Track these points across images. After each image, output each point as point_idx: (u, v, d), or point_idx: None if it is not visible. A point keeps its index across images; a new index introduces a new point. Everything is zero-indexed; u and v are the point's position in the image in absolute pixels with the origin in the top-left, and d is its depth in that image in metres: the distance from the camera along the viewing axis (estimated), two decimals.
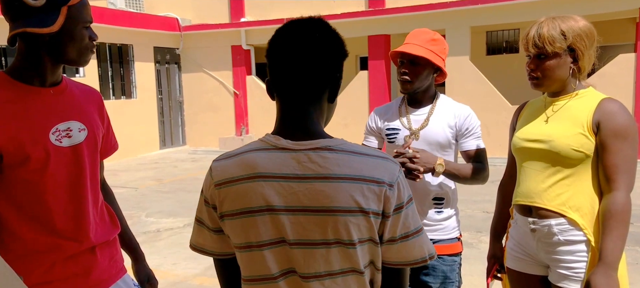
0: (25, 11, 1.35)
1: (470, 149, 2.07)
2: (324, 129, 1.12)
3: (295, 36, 1.08)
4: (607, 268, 1.56)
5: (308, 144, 1.07)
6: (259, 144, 1.11)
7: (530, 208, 1.80)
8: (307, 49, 1.06)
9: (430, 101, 2.11)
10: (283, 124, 1.11)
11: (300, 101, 1.09)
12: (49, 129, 1.42)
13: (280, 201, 1.05)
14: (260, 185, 1.06)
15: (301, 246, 1.06)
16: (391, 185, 1.06)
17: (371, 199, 1.04)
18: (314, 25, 1.09)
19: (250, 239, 1.09)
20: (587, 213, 1.70)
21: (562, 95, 1.77)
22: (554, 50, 1.68)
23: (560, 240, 1.72)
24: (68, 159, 1.45)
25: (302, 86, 1.07)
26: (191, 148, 12.36)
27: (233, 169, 1.10)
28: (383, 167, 1.07)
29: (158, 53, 11.82)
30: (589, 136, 1.67)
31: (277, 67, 1.09)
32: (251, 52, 11.89)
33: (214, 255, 1.20)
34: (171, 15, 11.82)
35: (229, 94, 12.03)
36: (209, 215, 1.16)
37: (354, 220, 1.04)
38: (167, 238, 5.34)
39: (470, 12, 9.49)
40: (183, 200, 7.05)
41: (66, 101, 1.50)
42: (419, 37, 2.03)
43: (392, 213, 1.07)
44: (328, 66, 1.09)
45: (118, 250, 1.68)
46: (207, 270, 4.34)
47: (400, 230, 1.09)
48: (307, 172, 1.05)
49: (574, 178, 1.70)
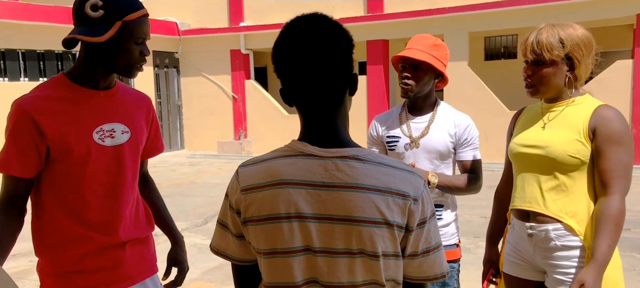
0: (84, 20, 1.47)
1: (466, 160, 2.08)
2: (349, 135, 1.11)
3: (304, 38, 1.05)
4: (598, 267, 1.58)
5: (336, 152, 1.05)
6: (285, 151, 1.09)
7: (528, 213, 1.80)
8: (319, 50, 1.04)
9: (430, 108, 2.12)
10: (308, 131, 1.09)
11: (322, 107, 1.07)
12: (94, 128, 1.54)
13: (308, 209, 1.05)
14: (287, 192, 1.05)
15: (326, 255, 1.05)
16: (416, 199, 1.05)
17: (396, 212, 1.04)
18: (319, 23, 1.07)
19: (276, 245, 1.07)
20: (583, 220, 1.71)
21: (558, 101, 1.79)
22: (551, 57, 1.69)
23: (557, 245, 1.73)
24: (108, 158, 1.56)
25: (322, 91, 1.05)
26: (189, 152, 12.35)
27: (260, 175, 1.09)
28: (409, 181, 1.06)
29: (157, 57, 11.83)
30: (585, 143, 1.68)
31: (290, 74, 1.06)
32: (250, 57, 11.90)
33: (235, 260, 1.18)
34: (170, 19, 11.84)
35: (227, 98, 12.04)
36: (232, 220, 1.14)
37: (378, 232, 1.03)
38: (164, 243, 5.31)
39: (468, 18, 9.53)
40: (181, 204, 7.04)
41: (115, 104, 1.61)
42: (421, 42, 2.05)
43: (416, 227, 1.07)
44: (343, 63, 1.07)
45: (150, 249, 1.75)
46: (204, 274, 4.33)
47: (423, 245, 1.09)
48: (335, 180, 1.04)
49: (570, 184, 1.71)
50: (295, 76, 1.06)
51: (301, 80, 1.05)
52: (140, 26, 1.52)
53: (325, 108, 1.07)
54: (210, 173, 9.59)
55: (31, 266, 4.60)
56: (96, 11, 1.45)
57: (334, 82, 1.05)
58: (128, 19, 1.48)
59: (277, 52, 1.08)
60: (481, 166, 2.11)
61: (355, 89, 1.11)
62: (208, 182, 8.62)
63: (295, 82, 1.06)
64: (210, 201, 7.09)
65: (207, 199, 7.27)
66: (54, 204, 1.54)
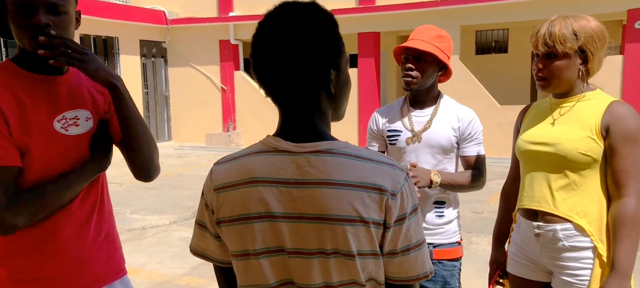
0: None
1: (470, 155, 2.02)
2: (327, 127, 1.04)
3: (274, 29, 0.98)
4: (621, 277, 1.52)
5: (309, 146, 0.99)
6: (260, 147, 1.04)
7: (535, 212, 1.75)
8: (287, 43, 0.96)
9: (433, 101, 2.04)
10: (283, 125, 1.04)
11: (297, 102, 1.00)
12: (54, 117, 1.39)
13: (279, 208, 0.99)
14: (258, 191, 1.00)
15: (299, 256, 1.00)
16: (394, 194, 0.98)
17: (372, 208, 0.97)
18: (295, 13, 0.99)
19: (247, 247, 1.02)
20: (595, 220, 1.65)
21: (569, 97, 1.72)
22: (564, 50, 1.63)
23: (565, 245, 1.67)
24: (71, 147, 1.42)
25: (296, 85, 0.98)
26: (177, 143, 12.19)
27: (232, 174, 1.04)
28: (387, 174, 0.99)
29: (144, 46, 11.61)
30: (598, 140, 1.62)
31: (259, 64, 1.00)
32: (239, 47, 11.75)
33: (216, 261, 1.14)
34: (158, 8, 11.62)
35: (216, 89, 11.88)
36: (209, 219, 1.09)
37: (352, 230, 0.97)
38: (152, 236, 5.22)
39: (460, 11, 9.50)
40: (169, 196, 6.93)
41: (74, 90, 1.46)
42: (425, 33, 1.97)
43: (394, 224, 0.99)
44: (322, 57, 0.98)
45: (118, 249, 1.62)
46: (194, 270, 4.24)
47: (402, 243, 1.01)
48: (307, 177, 0.98)
49: (581, 183, 1.66)
50: (260, 64, 1.00)
51: (264, 68, 1.00)
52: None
53: (298, 105, 1.01)
54: (199, 166, 9.47)
55: None
56: None
57: (308, 77, 0.98)
58: None
59: (252, 46, 1.02)
60: (485, 162, 2.05)
61: (339, 78, 1.02)
62: (196, 174, 8.50)
63: (260, 72, 1.01)
64: (199, 194, 6.91)
65: (195, 192, 7.16)
66: None
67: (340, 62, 1.03)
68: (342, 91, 1.06)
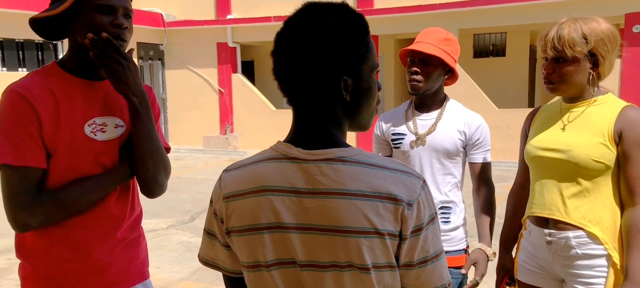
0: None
1: (477, 162, 2.01)
2: (342, 134, 1.00)
3: (295, 30, 0.94)
4: (635, 286, 1.49)
5: (320, 154, 0.94)
6: (270, 153, 0.99)
7: (546, 219, 1.71)
8: (300, 39, 0.93)
9: (439, 105, 2.02)
10: (295, 130, 0.99)
11: (305, 104, 0.96)
12: (85, 121, 1.42)
13: (290, 218, 0.95)
14: (269, 200, 0.95)
15: (312, 269, 0.96)
16: (410, 204, 0.93)
17: (387, 219, 0.92)
18: (316, 14, 0.94)
19: (258, 258, 0.98)
20: (608, 227, 1.62)
21: (579, 101, 1.69)
22: (573, 54, 1.59)
23: (578, 253, 1.64)
24: (98, 153, 1.44)
25: (301, 85, 0.94)
26: (174, 146, 12.13)
27: (241, 182, 0.99)
28: (402, 183, 0.94)
29: (141, 49, 11.56)
30: (610, 146, 1.59)
31: (276, 63, 0.97)
32: (237, 50, 11.72)
33: (226, 271, 1.09)
34: (155, 11, 11.57)
35: (214, 92, 11.84)
36: (218, 228, 1.05)
37: (367, 242, 0.92)
38: (150, 240, 5.17)
39: (458, 15, 9.51)
40: (167, 200, 6.87)
41: (110, 95, 1.48)
42: (431, 35, 1.94)
43: (410, 235, 0.94)
44: (340, 62, 0.93)
45: (140, 253, 1.62)
46: (192, 274, 4.20)
47: (419, 255, 0.97)
48: (318, 186, 0.93)
49: (594, 190, 1.62)
50: (279, 70, 0.97)
51: (281, 68, 0.96)
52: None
53: (310, 110, 0.97)
54: (196, 169, 9.42)
55: (10, 265, 4.40)
56: None
57: (313, 83, 0.93)
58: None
59: (275, 40, 0.98)
60: (490, 168, 2.04)
61: (360, 85, 0.96)
62: (194, 178, 8.46)
63: (279, 78, 0.97)
64: (197, 198, 6.93)
65: (193, 195, 7.12)
66: None
67: (359, 69, 0.96)
68: (361, 99, 0.98)
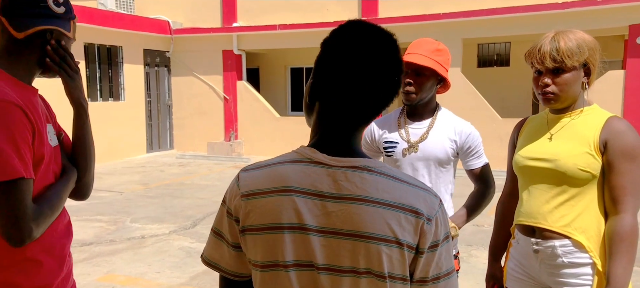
0: (47, 12, 1.41)
1: (476, 168, 2.05)
2: (361, 148, 1.04)
3: (372, 48, 0.98)
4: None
5: (346, 161, 0.98)
6: (293, 156, 1.01)
7: (533, 228, 1.74)
8: (383, 69, 0.98)
9: (431, 113, 2.05)
10: (321, 137, 1.02)
11: (352, 119, 1.01)
12: (46, 127, 1.44)
13: (313, 221, 0.97)
14: (292, 200, 0.97)
15: (330, 273, 0.97)
16: (429, 219, 0.97)
17: (407, 230, 0.96)
18: (388, 40, 1.00)
19: (276, 257, 0.99)
20: (594, 235, 1.65)
21: (567, 112, 1.72)
22: (572, 64, 1.63)
23: (564, 262, 1.67)
24: (53, 161, 1.44)
25: (364, 106, 0.99)
26: (179, 152, 12.21)
27: (263, 180, 1.00)
28: (423, 198, 0.98)
29: (148, 55, 11.68)
30: (596, 156, 1.62)
31: (338, 75, 0.98)
32: (242, 58, 11.81)
33: (228, 273, 1.08)
34: (162, 18, 11.70)
35: (218, 99, 11.92)
36: (229, 228, 1.05)
37: (387, 250, 0.95)
38: (152, 245, 5.21)
39: (462, 25, 9.54)
40: (169, 205, 6.92)
41: (44, 103, 1.52)
42: (423, 46, 1.97)
43: (427, 250, 0.98)
44: (395, 91, 1.01)
45: (70, 263, 1.60)
46: (193, 279, 4.23)
47: (433, 271, 1.00)
48: (343, 191, 0.96)
49: (580, 199, 1.65)
50: (345, 80, 0.98)
51: (341, 82, 0.98)
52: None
53: (353, 120, 1.01)
54: (200, 175, 9.47)
55: None
56: (59, 7, 1.43)
57: (378, 104, 1.00)
58: (76, 19, 1.50)
59: (333, 46, 1.00)
60: (490, 170, 2.08)
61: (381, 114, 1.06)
62: (197, 184, 8.50)
63: (342, 87, 0.98)
64: (200, 204, 6.97)
65: (196, 201, 7.16)
66: None
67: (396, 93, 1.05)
68: None
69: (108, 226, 5.83)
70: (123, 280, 4.27)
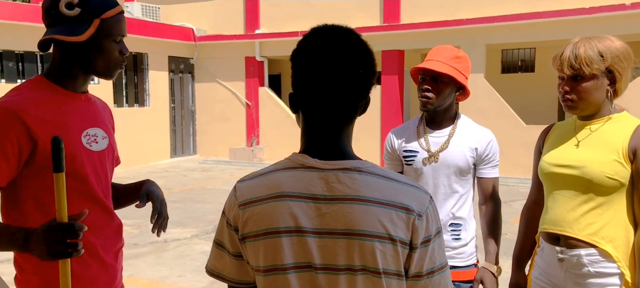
0: (59, 19, 1.41)
1: (487, 177, 2.02)
2: (352, 149, 1.07)
3: (331, 47, 1.02)
4: None
5: (337, 164, 1.02)
6: (286, 163, 1.06)
7: (558, 236, 1.70)
8: (346, 63, 1.01)
9: (450, 121, 2.03)
10: (311, 143, 1.05)
11: (333, 121, 1.04)
12: (81, 132, 1.47)
13: (308, 223, 1.00)
14: (287, 205, 1.01)
15: (327, 272, 1.00)
16: (420, 215, 1.01)
17: (399, 227, 0.99)
18: (348, 36, 1.04)
19: (276, 261, 1.02)
20: (621, 245, 1.60)
21: (595, 118, 1.69)
22: (591, 71, 1.60)
23: (590, 271, 1.63)
24: (95, 163, 1.49)
25: (338, 105, 1.02)
26: (201, 157, 12.36)
27: (258, 189, 1.05)
28: (413, 195, 1.02)
29: (172, 62, 11.89)
30: (625, 164, 1.58)
31: (308, 82, 1.03)
32: (265, 64, 11.91)
33: (232, 282, 1.13)
34: (187, 25, 11.90)
35: (241, 105, 12.04)
36: (230, 238, 1.09)
37: (380, 246, 0.98)
38: (174, 249, 5.28)
39: (485, 30, 9.42)
40: (191, 210, 7.01)
41: (93, 108, 1.55)
42: (442, 53, 1.96)
43: (420, 245, 1.01)
44: (365, 84, 1.04)
45: (121, 263, 1.67)
46: (213, 284, 4.26)
47: (428, 265, 1.04)
48: (335, 193, 1.00)
49: (607, 207, 1.61)
50: (309, 82, 1.03)
51: (313, 87, 1.02)
52: (118, 24, 1.46)
53: (333, 121, 1.04)
54: (222, 180, 9.57)
55: None
56: (72, 9, 1.39)
57: (350, 97, 1.03)
58: (106, 17, 1.42)
59: (299, 56, 1.05)
60: (498, 183, 2.06)
61: (365, 110, 1.09)
62: (219, 189, 8.59)
63: (306, 89, 1.03)
64: (221, 209, 6.85)
65: (217, 206, 7.23)
66: (39, 217, 1.40)
67: (370, 90, 1.08)
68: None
69: (131, 230, 5.93)
70: (146, 284, 4.34)
